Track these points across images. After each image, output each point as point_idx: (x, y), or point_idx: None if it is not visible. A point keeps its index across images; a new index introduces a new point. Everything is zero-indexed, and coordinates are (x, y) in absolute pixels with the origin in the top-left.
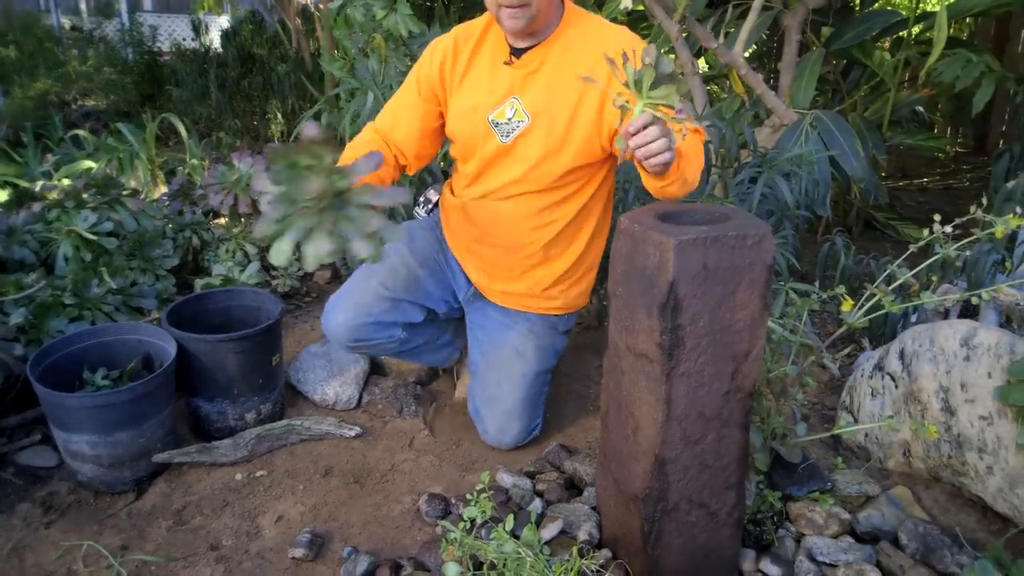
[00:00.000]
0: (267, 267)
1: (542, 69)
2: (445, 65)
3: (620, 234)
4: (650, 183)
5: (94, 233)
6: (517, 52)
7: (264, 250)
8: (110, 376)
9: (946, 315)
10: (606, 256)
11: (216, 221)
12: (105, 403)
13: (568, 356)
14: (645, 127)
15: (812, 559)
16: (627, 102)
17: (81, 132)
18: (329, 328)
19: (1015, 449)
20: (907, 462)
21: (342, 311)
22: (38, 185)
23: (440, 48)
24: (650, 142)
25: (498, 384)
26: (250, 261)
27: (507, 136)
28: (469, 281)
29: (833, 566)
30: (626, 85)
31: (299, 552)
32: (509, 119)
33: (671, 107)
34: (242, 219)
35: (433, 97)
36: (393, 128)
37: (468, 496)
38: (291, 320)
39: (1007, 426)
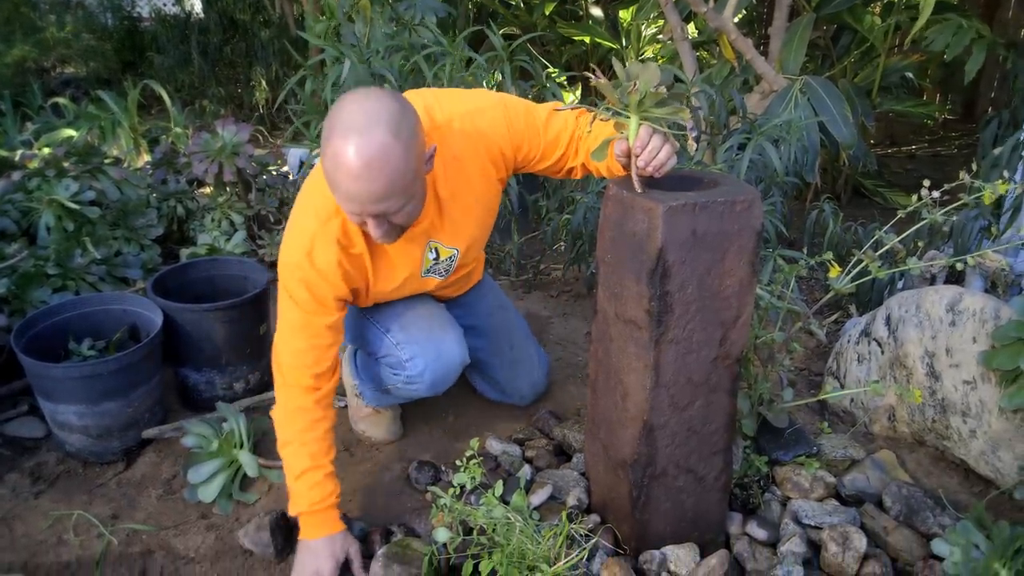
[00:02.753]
0: (253, 236)
1: (441, 206)
2: (348, 274)
3: (608, 200)
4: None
5: (76, 202)
6: None
7: (249, 219)
8: (96, 347)
9: (932, 281)
10: (595, 224)
11: (201, 190)
12: (91, 373)
13: (557, 324)
14: (648, 141)
15: (798, 522)
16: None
17: (61, 100)
18: (445, 359)
19: (998, 413)
20: (892, 426)
21: (449, 336)
22: (18, 154)
23: (328, 265)
24: (657, 154)
25: (511, 347)
26: (236, 230)
27: (447, 272)
28: None
29: (818, 528)
30: (620, 101)
31: (294, 517)
32: (437, 259)
33: (680, 124)
34: (227, 188)
35: (348, 299)
36: (323, 360)
37: (458, 463)
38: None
39: (991, 390)
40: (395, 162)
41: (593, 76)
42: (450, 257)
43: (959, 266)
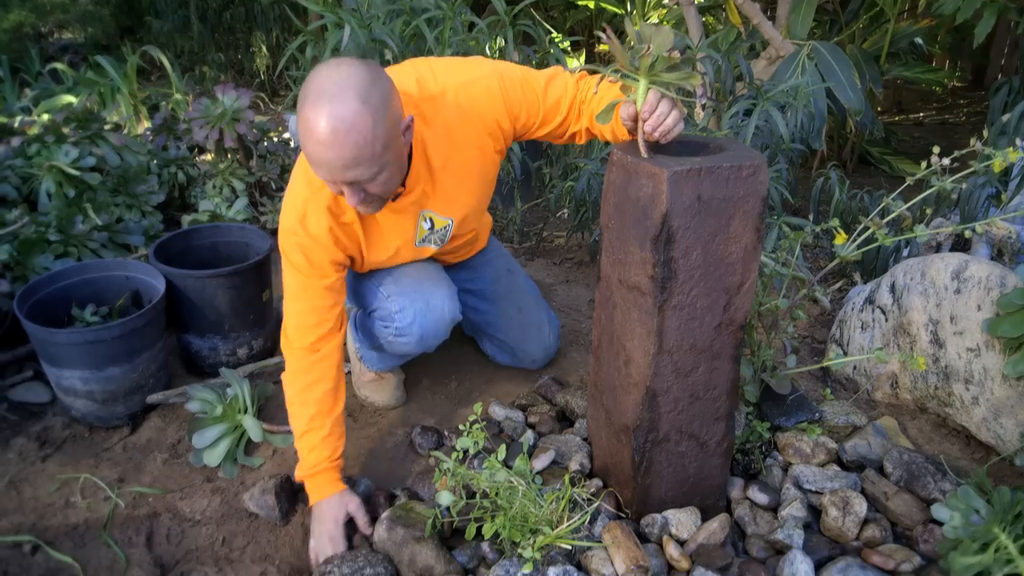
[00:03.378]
0: (255, 203)
1: (433, 176)
2: (340, 240)
3: (613, 166)
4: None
5: (76, 169)
6: None
7: (251, 186)
8: (99, 313)
9: (938, 249)
10: (599, 190)
11: (202, 157)
12: (95, 339)
13: (560, 291)
14: (656, 106)
15: (799, 487)
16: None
17: (59, 66)
18: (435, 312)
19: (1001, 380)
20: (894, 393)
21: (440, 290)
22: (17, 120)
23: (320, 232)
24: (664, 119)
25: (519, 310)
26: (237, 197)
27: (442, 242)
28: None
29: (819, 493)
30: (629, 64)
31: (298, 481)
32: (432, 229)
33: (688, 90)
34: (228, 155)
35: (344, 263)
36: (325, 320)
37: (461, 427)
38: (280, 257)
39: (994, 358)
40: (363, 130)
41: (604, 36)
42: (445, 227)
43: (967, 233)
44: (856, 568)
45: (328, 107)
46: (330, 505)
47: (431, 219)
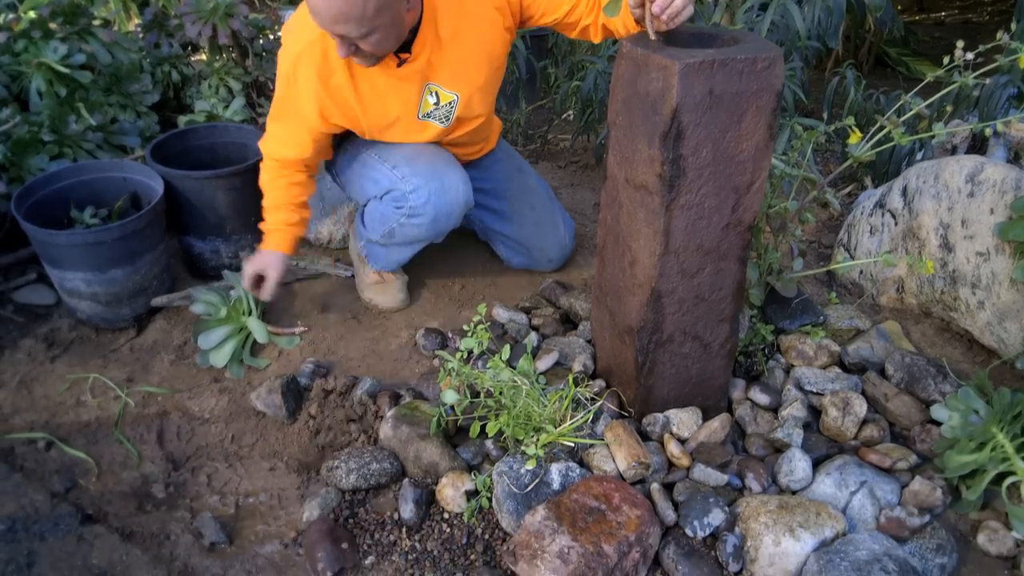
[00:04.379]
0: (252, 104)
1: (441, 46)
2: (325, 109)
3: (622, 58)
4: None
5: (66, 66)
6: (400, 48)
7: (248, 86)
8: (98, 215)
9: (953, 152)
10: (606, 89)
11: (196, 56)
12: (96, 240)
13: (565, 194)
14: None
15: (800, 388)
16: None
17: None
18: (449, 193)
19: (1009, 284)
20: (899, 298)
21: (454, 173)
22: (1, 17)
23: (308, 92)
24: (672, 1)
25: (532, 208)
26: (234, 97)
27: (447, 120)
28: None
29: (820, 394)
30: None
31: (304, 380)
32: (437, 104)
33: None
34: (222, 53)
35: (330, 131)
36: (300, 153)
37: (465, 327)
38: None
39: (1003, 262)
40: None
41: None
42: (450, 103)
43: (987, 132)
44: (853, 466)
45: None
46: (260, 255)
47: (437, 93)
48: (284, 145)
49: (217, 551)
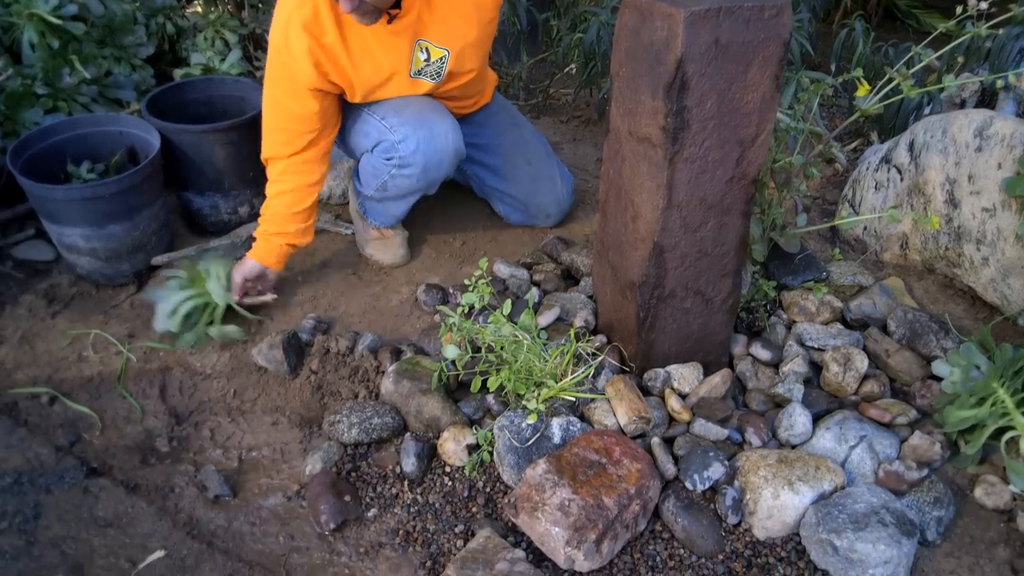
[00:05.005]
0: (249, 57)
1: (431, 3)
2: (321, 64)
3: (626, 7)
4: None
5: (58, 17)
6: (391, 6)
7: (244, 39)
8: (95, 169)
9: (962, 106)
10: (609, 42)
11: (191, 8)
12: (93, 195)
13: (567, 150)
14: None
15: (801, 344)
16: None
17: None
18: (438, 140)
19: (1014, 240)
20: (903, 254)
21: (444, 121)
22: None
23: (301, 51)
24: None
25: (528, 163)
26: (230, 50)
27: (438, 76)
28: None
29: (821, 350)
30: None
31: (305, 336)
32: (428, 60)
33: None
34: (218, 4)
35: (329, 90)
36: (306, 126)
37: (466, 282)
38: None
39: (1009, 218)
40: None
41: None
42: (441, 59)
43: (999, 84)
44: (853, 420)
45: None
46: (241, 263)
47: (427, 49)
48: (287, 133)
49: (221, 503)
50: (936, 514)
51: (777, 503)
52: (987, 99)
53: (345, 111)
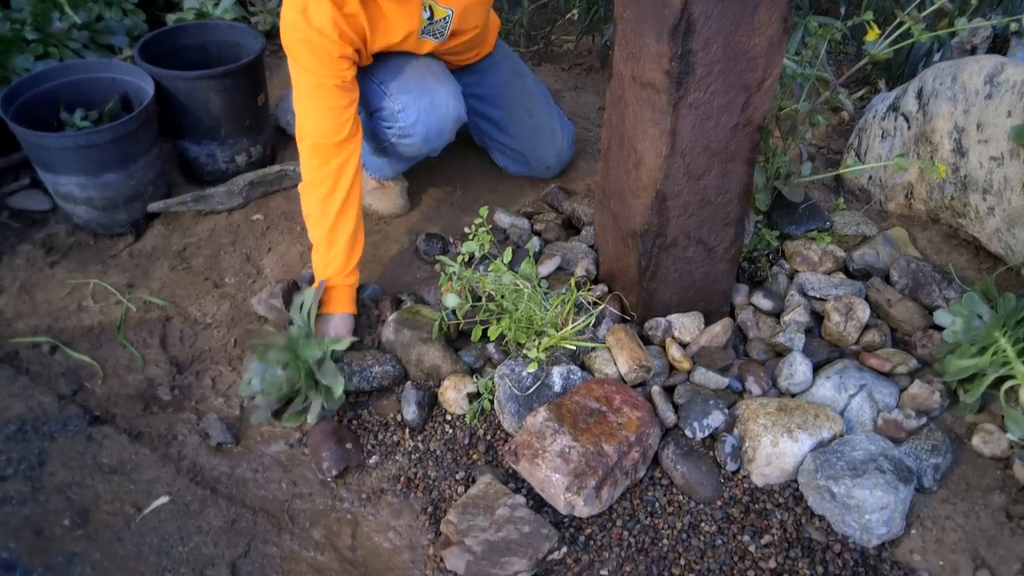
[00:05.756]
0: (243, 2)
1: None
2: (345, 33)
3: None
4: None
5: None
6: None
7: None
8: (89, 117)
9: (973, 53)
10: None
11: None
12: (87, 143)
13: (568, 98)
14: None
15: (803, 293)
16: None
17: None
18: (439, 110)
19: (1020, 190)
20: (908, 204)
21: (444, 88)
22: None
23: (324, 20)
24: None
25: (530, 115)
26: None
27: (441, 35)
28: None
29: (823, 300)
30: None
31: (304, 285)
32: (431, 19)
33: None
34: None
35: (352, 58)
36: (340, 99)
37: (466, 230)
38: (274, 61)
39: (1017, 167)
40: None
41: None
42: (444, 18)
43: (1013, 26)
44: (853, 370)
45: None
46: (333, 322)
47: (431, 8)
48: (322, 122)
49: (224, 451)
50: (933, 461)
51: (776, 451)
52: (999, 46)
53: None
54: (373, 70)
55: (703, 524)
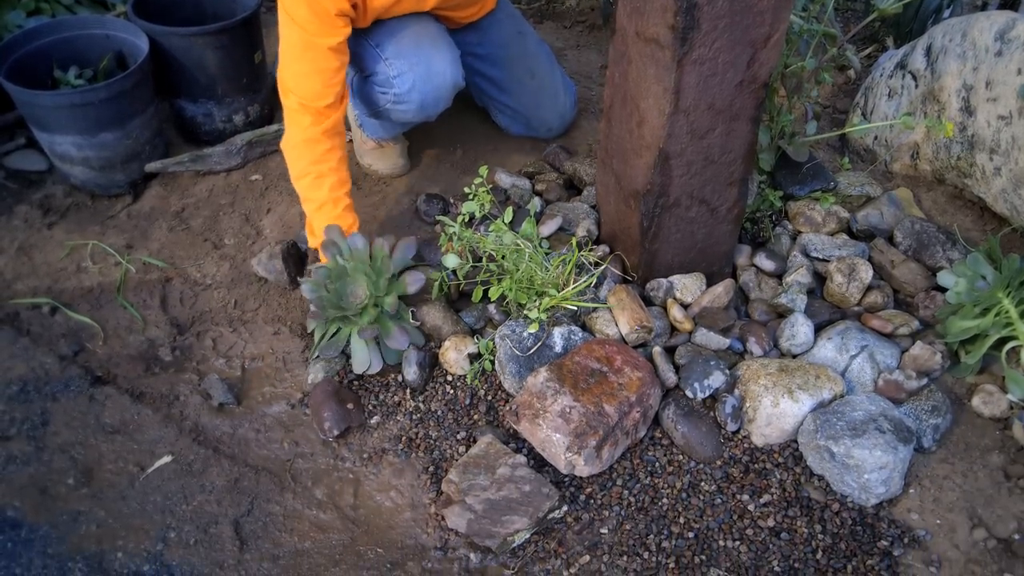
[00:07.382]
0: None
1: None
2: (342, 11)
3: None
4: None
5: None
6: None
7: None
8: (83, 75)
9: (983, 8)
10: None
11: None
12: (82, 102)
13: (570, 56)
14: None
15: (806, 254)
16: None
17: None
18: (436, 78)
19: None
20: (913, 164)
21: (441, 54)
22: None
23: None
24: None
25: (532, 75)
26: None
27: None
28: None
29: (825, 261)
30: None
31: (304, 246)
32: None
33: None
34: None
35: (350, 14)
36: (331, 62)
37: (466, 190)
38: (271, 18)
39: None
40: None
41: None
42: None
43: None
44: (854, 331)
45: None
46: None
47: None
48: (311, 83)
49: (226, 411)
50: (933, 422)
51: (776, 411)
52: (1011, 1)
53: None
54: (368, 31)
55: (703, 483)
